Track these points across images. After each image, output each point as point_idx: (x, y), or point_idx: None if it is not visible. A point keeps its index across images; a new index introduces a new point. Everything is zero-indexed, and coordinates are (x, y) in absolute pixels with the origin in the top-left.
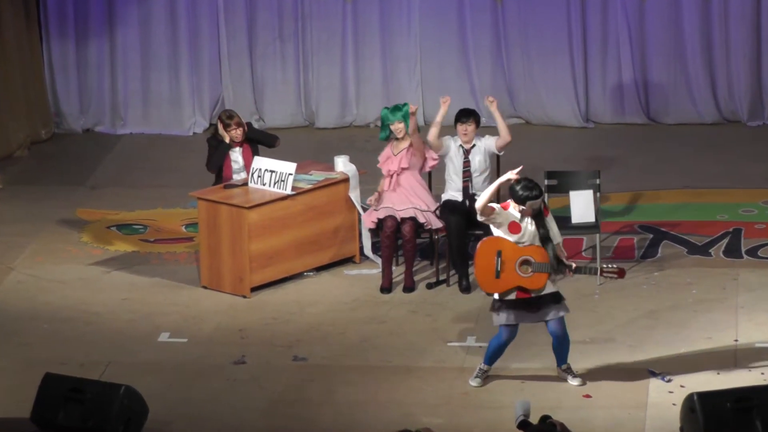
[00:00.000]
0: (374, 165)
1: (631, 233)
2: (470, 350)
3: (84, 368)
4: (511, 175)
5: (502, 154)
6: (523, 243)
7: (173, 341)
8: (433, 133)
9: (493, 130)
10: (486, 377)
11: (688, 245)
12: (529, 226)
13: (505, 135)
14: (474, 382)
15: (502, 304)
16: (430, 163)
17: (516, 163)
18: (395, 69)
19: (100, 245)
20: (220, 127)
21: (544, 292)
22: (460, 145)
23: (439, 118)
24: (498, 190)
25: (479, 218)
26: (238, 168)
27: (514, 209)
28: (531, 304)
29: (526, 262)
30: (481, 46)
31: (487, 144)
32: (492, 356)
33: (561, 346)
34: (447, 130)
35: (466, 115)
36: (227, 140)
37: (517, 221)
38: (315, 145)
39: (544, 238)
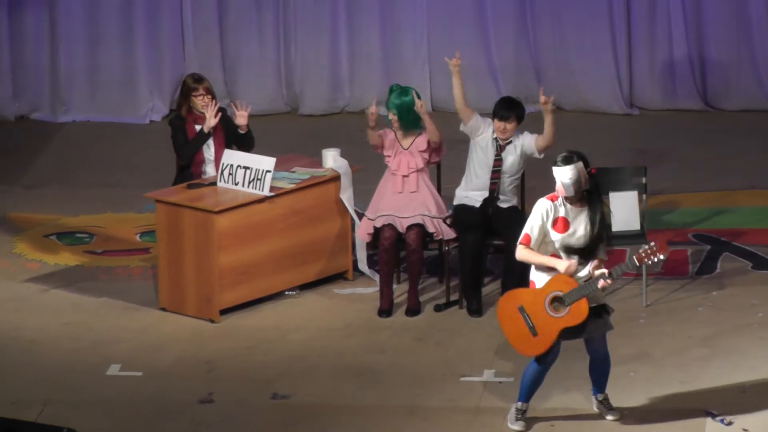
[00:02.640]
0: (371, 160)
1: (685, 243)
2: (488, 386)
3: (17, 407)
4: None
5: (542, 156)
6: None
7: (125, 375)
8: (460, 101)
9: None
10: (527, 418)
11: (754, 259)
12: (580, 227)
13: (549, 136)
14: (517, 426)
15: None
16: (434, 159)
17: (548, 157)
18: (397, 42)
19: (37, 257)
20: (181, 99)
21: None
22: (495, 138)
23: (457, 86)
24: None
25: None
26: (210, 156)
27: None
28: None
29: (556, 299)
30: (503, 14)
31: (525, 143)
32: (530, 388)
33: (600, 369)
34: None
35: (507, 109)
36: (199, 107)
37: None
38: (299, 135)
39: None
